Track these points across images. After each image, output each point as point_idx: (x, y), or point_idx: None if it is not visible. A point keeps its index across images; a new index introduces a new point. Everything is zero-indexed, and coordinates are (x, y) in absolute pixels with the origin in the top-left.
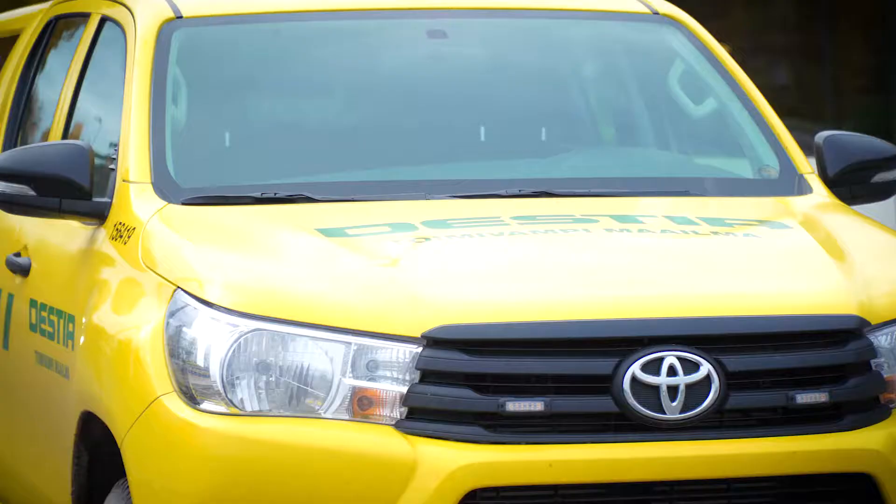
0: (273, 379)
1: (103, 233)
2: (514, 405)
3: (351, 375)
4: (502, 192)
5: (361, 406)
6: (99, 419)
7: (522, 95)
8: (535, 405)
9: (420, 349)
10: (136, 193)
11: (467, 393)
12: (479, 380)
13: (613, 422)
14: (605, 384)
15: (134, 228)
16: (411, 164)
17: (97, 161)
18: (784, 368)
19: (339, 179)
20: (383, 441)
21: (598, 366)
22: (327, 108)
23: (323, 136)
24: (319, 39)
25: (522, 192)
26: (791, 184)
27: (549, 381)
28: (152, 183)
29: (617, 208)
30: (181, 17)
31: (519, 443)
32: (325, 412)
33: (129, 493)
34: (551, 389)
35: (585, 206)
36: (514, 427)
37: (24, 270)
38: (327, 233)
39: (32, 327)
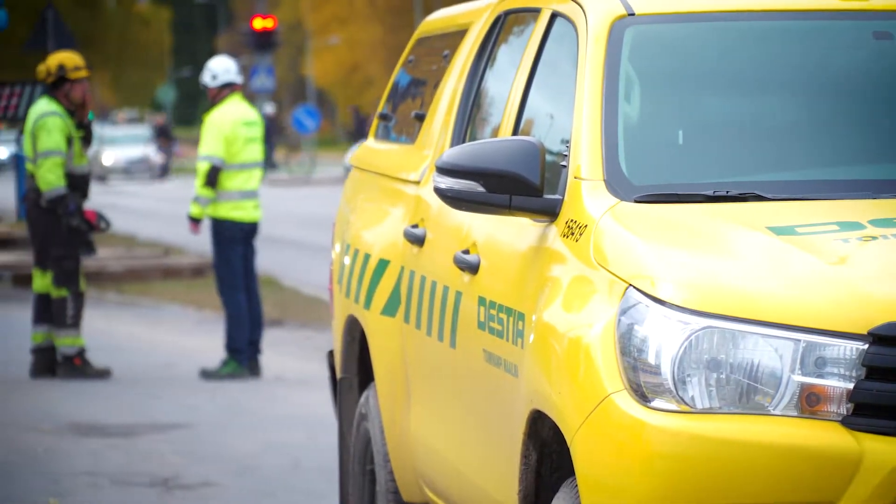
0: (724, 376)
1: (554, 230)
2: None
3: (799, 372)
4: None
5: (809, 402)
6: (548, 417)
7: None
8: None
9: (867, 346)
10: (588, 191)
11: None
12: None
13: None
14: None
15: (586, 226)
16: (857, 164)
17: (548, 158)
18: None
19: (786, 178)
20: (831, 437)
21: None
22: (775, 107)
23: (771, 134)
24: (768, 38)
25: None
26: None
27: None
28: (605, 180)
29: None
30: (633, 14)
31: None
32: (773, 409)
33: (577, 492)
34: None
35: None
36: None
37: (472, 268)
38: (778, 231)
39: (481, 325)
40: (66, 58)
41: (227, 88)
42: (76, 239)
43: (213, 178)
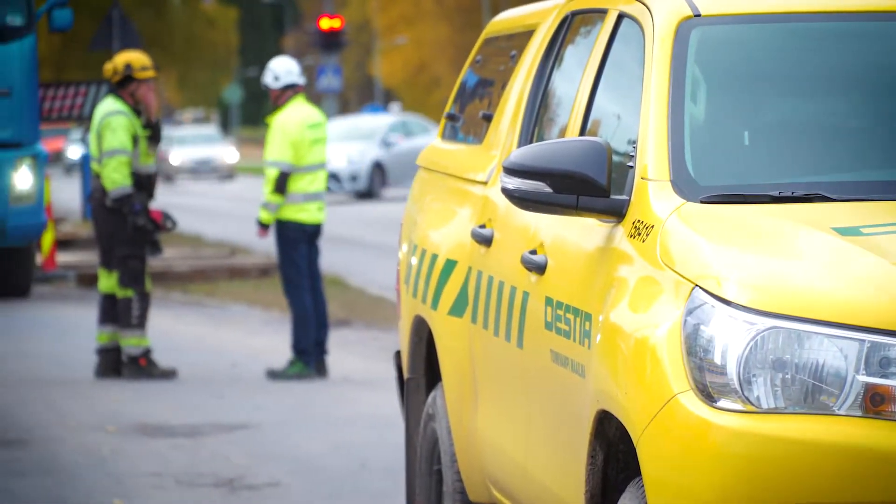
0: (789, 376)
1: (621, 230)
2: None
3: (864, 372)
4: None
5: (873, 403)
6: (614, 417)
7: None
8: None
9: None
10: (654, 191)
11: None
12: None
13: None
14: None
15: (652, 226)
16: None
17: (614, 158)
18: None
19: (851, 179)
20: (895, 437)
21: None
22: (842, 108)
23: (836, 135)
24: (833, 39)
25: None
26: None
27: None
28: (671, 181)
29: None
30: (699, 15)
31: None
32: (838, 409)
33: (643, 492)
34: None
35: None
36: None
37: (539, 268)
38: (843, 232)
39: (548, 325)
40: (133, 57)
41: (290, 90)
42: (142, 238)
43: (282, 184)
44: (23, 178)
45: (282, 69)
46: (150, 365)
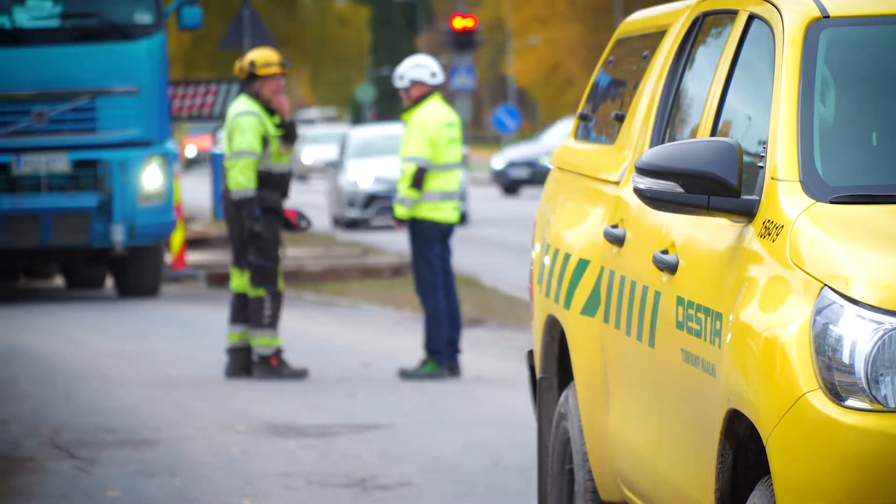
0: None
1: (751, 230)
2: None
3: None
4: None
5: None
6: (744, 416)
7: None
8: None
9: None
10: (784, 191)
11: None
12: None
13: None
14: None
15: (782, 226)
16: None
17: (745, 158)
18: None
19: None
20: None
21: None
22: None
23: None
24: None
25: None
26: None
27: None
28: (800, 181)
29: None
30: (828, 16)
31: None
32: None
33: (773, 490)
34: None
35: None
36: None
37: (671, 268)
38: None
39: (679, 325)
40: (258, 54)
41: (435, 88)
42: (257, 244)
43: (419, 179)
44: (151, 177)
45: (437, 67)
46: (281, 365)
